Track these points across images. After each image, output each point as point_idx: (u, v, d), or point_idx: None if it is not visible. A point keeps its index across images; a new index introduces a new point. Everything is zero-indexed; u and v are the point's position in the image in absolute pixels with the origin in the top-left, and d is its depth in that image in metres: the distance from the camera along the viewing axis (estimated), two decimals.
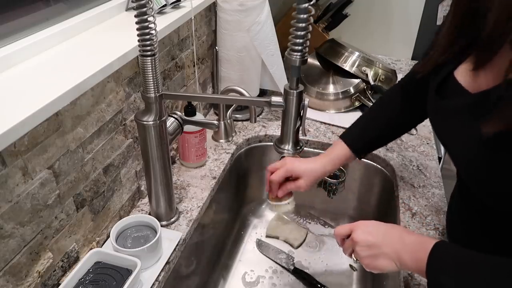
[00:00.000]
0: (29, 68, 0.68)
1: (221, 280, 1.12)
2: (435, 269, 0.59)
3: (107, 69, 0.71)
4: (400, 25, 1.66)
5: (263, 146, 1.22)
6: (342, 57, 1.35)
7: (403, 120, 0.89)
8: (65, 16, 0.81)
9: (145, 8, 0.63)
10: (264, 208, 1.33)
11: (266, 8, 1.11)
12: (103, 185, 0.79)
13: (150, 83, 0.70)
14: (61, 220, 0.69)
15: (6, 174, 0.56)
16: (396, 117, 0.88)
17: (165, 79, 0.96)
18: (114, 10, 0.92)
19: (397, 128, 0.92)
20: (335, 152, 0.89)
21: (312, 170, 0.87)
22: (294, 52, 0.63)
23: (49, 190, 0.64)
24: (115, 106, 0.78)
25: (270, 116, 1.29)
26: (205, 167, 1.06)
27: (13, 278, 0.60)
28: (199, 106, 1.17)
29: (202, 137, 1.02)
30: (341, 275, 1.13)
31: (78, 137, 0.69)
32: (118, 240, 0.79)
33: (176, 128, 0.83)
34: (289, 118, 0.70)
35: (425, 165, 1.08)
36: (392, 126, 0.90)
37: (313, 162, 0.88)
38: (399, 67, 1.64)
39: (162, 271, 0.78)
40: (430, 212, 0.93)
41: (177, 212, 0.90)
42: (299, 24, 0.60)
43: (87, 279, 0.71)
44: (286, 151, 0.75)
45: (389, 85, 1.37)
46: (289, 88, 0.68)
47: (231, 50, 1.15)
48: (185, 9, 0.98)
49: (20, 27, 0.71)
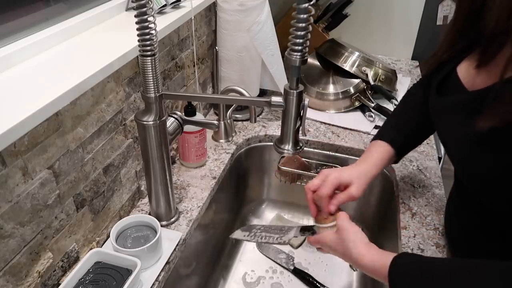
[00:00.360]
0: (29, 68, 0.68)
1: (221, 280, 1.12)
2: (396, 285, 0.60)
3: (107, 69, 0.71)
4: (400, 25, 1.66)
5: (263, 146, 1.22)
6: (342, 57, 1.35)
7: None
8: (65, 16, 0.81)
9: (145, 8, 0.63)
10: (264, 208, 1.33)
11: (266, 8, 1.11)
12: (103, 185, 0.79)
13: (150, 83, 0.70)
14: (61, 220, 0.69)
15: (6, 174, 0.56)
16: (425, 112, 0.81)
17: (165, 79, 0.96)
18: (114, 10, 0.92)
19: (428, 123, 0.83)
20: (376, 153, 0.81)
21: (361, 173, 0.78)
22: (294, 52, 0.63)
23: (49, 190, 0.64)
24: (115, 106, 0.78)
25: (270, 116, 1.29)
26: (205, 167, 1.06)
27: (13, 278, 0.60)
28: (199, 106, 1.17)
29: (202, 137, 1.02)
30: (341, 275, 1.13)
31: (78, 137, 0.69)
32: (118, 240, 0.79)
33: (176, 128, 0.83)
34: (289, 118, 0.70)
35: (425, 165, 1.08)
36: (423, 121, 0.83)
37: (357, 166, 0.80)
38: (399, 67, 1.64)
39: (162, 271, 0.78)
40: (430, 212, 0.93)
41: (177, 212, 0.90)
42: (299, 24, 0.60)
43: (87, 279, 0.71)
44: (286, 151, 0.75)
45: (389, 85, 1.37)
46: (289, 88, 0.68)
47: (231, 50, 1.15)
48: (185, 9, 0.98)
49: (20, 27, 0.71)
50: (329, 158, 1.18)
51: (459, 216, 0.76)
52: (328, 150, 1.18)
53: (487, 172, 0.58)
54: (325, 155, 1.18)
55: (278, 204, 1.33)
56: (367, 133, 1.21)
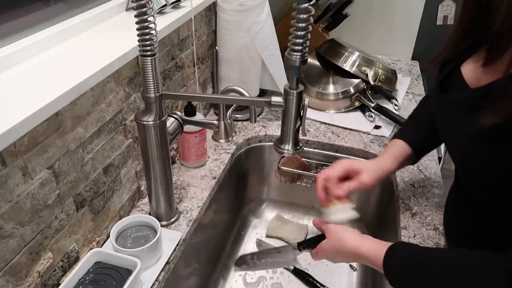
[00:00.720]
0: (29, 68, 0.68)
1: (221, 280, 1.12)
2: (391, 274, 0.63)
3: (107, 69, 0.71)
4: (400, 25, 1.66)
5: (263, 146, 1.22)
6: (342, 57, 1.35)
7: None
8: (65, 16, 0.81)
9: (145, 8, 0.63)
10: (264, 208, 1.33)
11: (266, 8, 1.11)
12: (103, 185, 0.79)
13: (150, 83, 0.70)
14: (61, 220, 0.69)
15: (6, 174, 0.56)
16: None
17: (165, 79, 0.96)
18: (114, 10, 0.92)
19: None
20: (394, 149, 0.83)
21: (375, 164, 0.80)
22: (294, 52, 0.63)
23: (49, 190, 0.64)
24: (115, 106, 0.78)
25: (270, 116, 1.29)
26: (205, 167, 1.06)
27: (13, 278, 0.60)
28: (199, 106, 1.17)
29: (202, 137, 1.02)
30: (341, 275, 1.13)
31: (78, 137, 0.69)
32: (118, 240, 0.79)
33: (176, 128, 0.83)
34: (289, 118, 0.70)
35: (425, 165, 1.08)
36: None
37: (372, 159, 0.82)
38: (399, 67, 1.64)
39: (162, 271, 0.78)
40: (430, 212, 0.93)
41: (177, 212, 0.90)
42: (299, 24, 0.60)
43: (87, 279, 0.71)
44: (286, 151, 0.75)
45: (389, 85, 1.37)
46: (289, 88, 0.68)
47: (231, 50, 1.15)
48: (185, 9, 0.98)
49: (20, 27, 0.71)
50: (329, 158, 1.18)
51: (459, 215, 0.76)
52: (328, 150, 1.18)
53: (487, 169, 0.59)
54: (325, 155, 1.18)
55: (278, 204, 1.33)
56: (367, 133, 1.21)
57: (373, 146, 1.15)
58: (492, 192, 0.61)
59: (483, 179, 0.61)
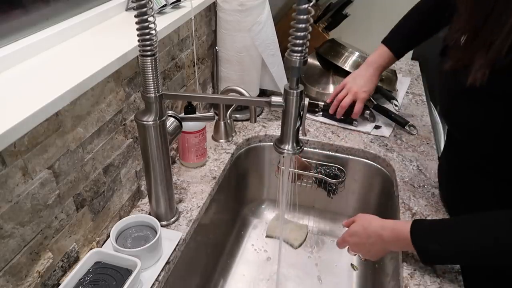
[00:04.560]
0: (29, 68, 0.68)
1: (221, 280, 1.12)
2: (419, 241, 0.71)
3: (107, 69, 0.71)
4: None
5: (263, 146, 1.22)
6: (342, 57, 1.35)
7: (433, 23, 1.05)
8: (65, 16, 0.81)
9: (145, 8, 0.63)
10: (264, 208, 1.33)
11: (266, 8, 1.11)
12: (103, 185, 0.79)
13: (150, 83, 0.70)
14: (61, 220, 0.69)
15: (6, 174, 0.56)
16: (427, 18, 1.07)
17: (165, 79, 0.96)
18: (114, 10, 0.92)
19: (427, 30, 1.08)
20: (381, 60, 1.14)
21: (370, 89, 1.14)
22: (294, 52, 0.63)
23: (49, 190, 0.64)
24: (115, 106, 0.78)
25: (270, 116, 1.29)
26: (205, 167, 1.06)
27: (13, 278, 0.60)
28: (199, 106, 1.17)
29: (202, 137, 1.02)
30: (341, 275, 1.13)
31: (78, 137, 0.69)
32: (118, 240, 0.79)
33: (176, 128, 0.83)
34: (289, 118, 0.70)
35: (425, 165, 1.08)
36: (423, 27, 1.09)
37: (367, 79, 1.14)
38: (399, 67, 1.64)
39: (162, 271, 0.78)
40: (430, 212, 0.93)
41: (177, 212, 0.90)
42: (299, 24, 0.60)
43: (87, 279, 0.71)
44: (286, 151, 0.75)
45: (389, 85, 1.37)
46: (289, 88, 0.68)
47: (231, 50, 1.15)
48: (185, 9, 0.98)
49: (20, 27, 0.71)
50: (329, 158, 1.18)
51: (453, 173, 0.85)
52: (328, 150, 1.18)
53: (468, 120, 0.70)
54: (325, 155, 1.18)
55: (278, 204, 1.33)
56: (367, 133, 1.21)
57: (373, 146, 1.15)
58: (478, 139, 0.70)
59: (469, 128, 0.71)
